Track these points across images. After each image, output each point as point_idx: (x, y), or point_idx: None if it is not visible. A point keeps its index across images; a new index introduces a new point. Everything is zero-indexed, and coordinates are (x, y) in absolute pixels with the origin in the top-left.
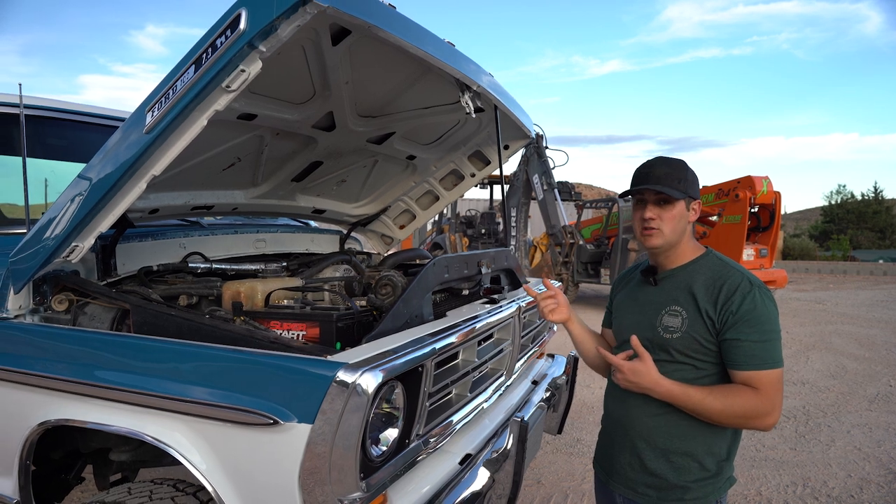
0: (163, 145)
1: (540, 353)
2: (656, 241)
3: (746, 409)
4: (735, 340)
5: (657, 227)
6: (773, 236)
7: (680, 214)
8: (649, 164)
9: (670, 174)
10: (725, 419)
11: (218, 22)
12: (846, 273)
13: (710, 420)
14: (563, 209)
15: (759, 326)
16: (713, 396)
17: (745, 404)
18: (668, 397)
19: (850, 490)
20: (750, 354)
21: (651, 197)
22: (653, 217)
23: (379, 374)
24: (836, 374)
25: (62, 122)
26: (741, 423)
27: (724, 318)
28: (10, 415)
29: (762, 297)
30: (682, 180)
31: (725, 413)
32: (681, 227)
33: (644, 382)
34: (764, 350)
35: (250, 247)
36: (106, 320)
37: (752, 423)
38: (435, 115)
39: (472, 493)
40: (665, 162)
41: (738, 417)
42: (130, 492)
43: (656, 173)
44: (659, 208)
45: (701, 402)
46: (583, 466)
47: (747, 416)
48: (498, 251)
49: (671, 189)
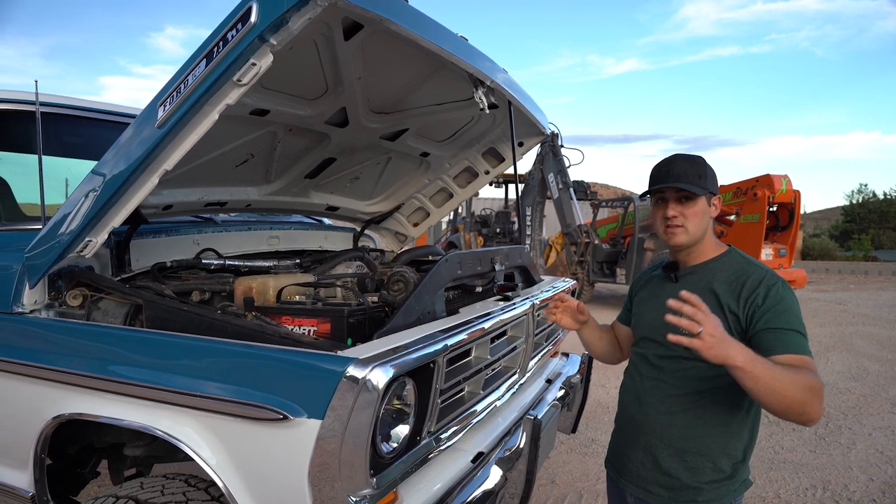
0: (174, 140)
1: (554, 352)
2: (681, 238)
3: (811, 385)
4: (770, 330)
5: (681, 223)
6: (792, 236)
7: (703, 211)
8: (668, 162)
9: (690, 171)
10: (791, 395)
11: (229, 16)
12: (867, 273)
13: (773, 397)
14: (578, 208)
15: (788, 316)
16: (787, 370)
17: (810, 379)
18: (750, 361)
19: (871, 494)
20: (789, 341)
21: (672, 195)
22: (675, 215)
23: (389, 369)
24: (857, 375)
25: (78, 119)
26: (801, 404)
27: (750, 312)
28: (26, 409)
29: (786, 291)
30: (703, 176)
31: (794, 386)
32: (704, 223)
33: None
34: (800, 339)
35: (263, 244)
36: (119, 315)
37: (810, 406)
38: (449, 111)
39: (484, 492)
40: (685, 159)
41: (807, 391)
42: (143, 486)
43: (676, 171)
44: (681, 206)
45: (774, 368)
46: (597, 467)
47: (813, 392)
48: (512, 248)
49: (693, 186)
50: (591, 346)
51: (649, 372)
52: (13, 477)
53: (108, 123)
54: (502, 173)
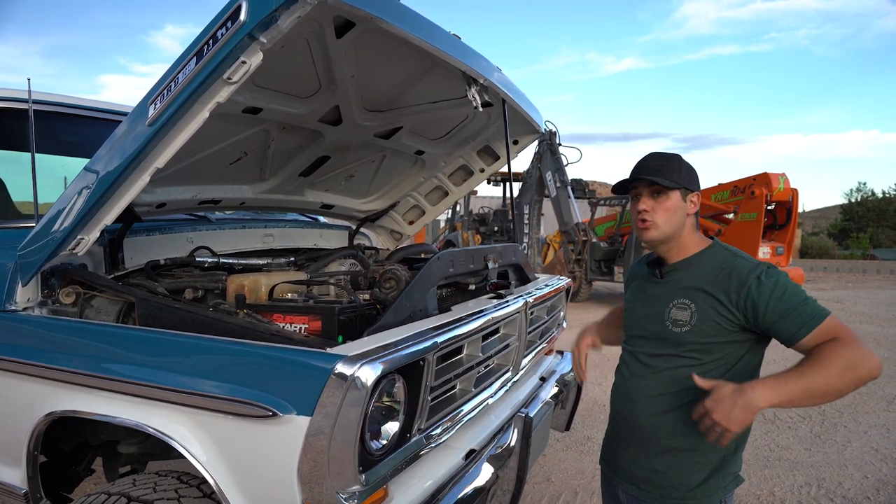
0: (165, 138)
1: (549, 350)
2: (651, 233)
3: (848, 360)
4: (780, 318)
5: (651, 219)
6: (790, 234)
7: (675, 206)
8: (644, 158)
9: (664, 166)
10: (841, 381)
11: (219, 14)
12: (866, 272)
13: (823, 399)
14: (576, 207)
15: (789, 295)
16: (815, 367)
17: (843, 354)
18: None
19: (866, 491)
20: (803, 317)
21: (644, 189)
22: (646, 209)
23: (378, 366)
24: None
25: (72, 117)
26: (852, 381)
27: (749, 306)
28: (18, 406)
29: (774, 273)
30: (677, 171)
31: (831, 378)
32: (677, 218)
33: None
34: (809, 308)
35: (258, 242)
36: (112, 313)
37: (861, 370)
38: (443, 109)
39: (476, 489)
40: (659, 155)
41: (847, 371)
42: (135, 483)
43: (650, 165)
44: (653, 200)
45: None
46: (593, 464)
47: (854, 367)
48: (505, 246)
49: (662, 178)
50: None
51: (639, 370)
52: (6, 474)
53: (102, 121)
54: (499, 171)
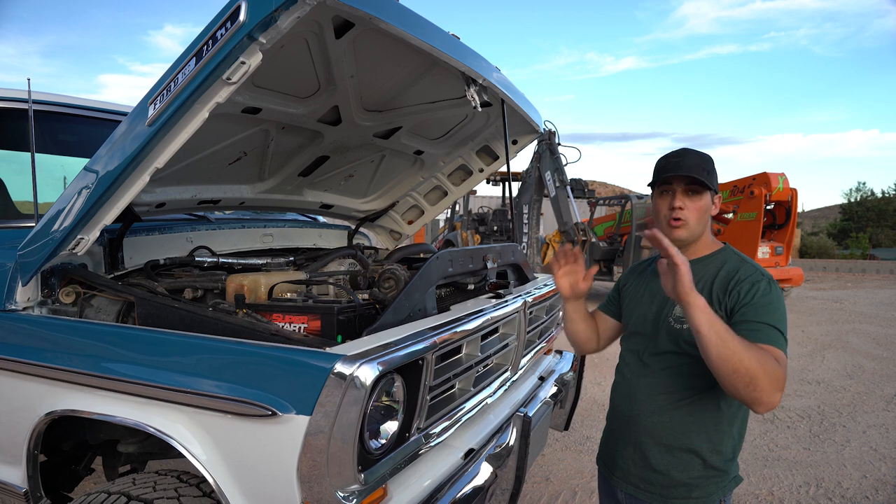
0: (165, 138)
1: (548, 350)
2: (683, 232)
3: (765, 363)
4: (744, 322)
5: (684, 217)
6: (789, 234)
7: (706, 207)
8: (679, 154)
9: (700, 165)
10: (740, 368)
11: (218, 14)
12: (865, 272)
13: (721, 352)
14: (575, 206)
15: (766, 312)
16: (739, 339)
17: (765, 359)
18: (707, 307)
19: (864, 491)
20: (762, 333)
21: (681, 186)
22: (682, 207)
23: (377, 366)
24: (852, 373)
25: (72, 117)
26: (750, 376)
27: (731, 304)
28: (18, 405)
29: (770, 289)
30: (711, 172)
31: (745, 359)
32: (705, 219)
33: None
34: (773, 333)
35: (257, 241)
36: (111, 313)
37: (759, 386)
38: (442, 109)
39: (475, 488)
40: (695, 153)
41: (755, 361)
42: (135, 482)
43: (687, 163)
44: (688, 198)
45: (730, 331)
46: (592, 464)
47: (765, 370)
48: (504, 246)
49: (704, 178)
50: (572, 322)
51: (639, 369)
52: (6, 473)
53: (102, 121)
54: (498, 171)
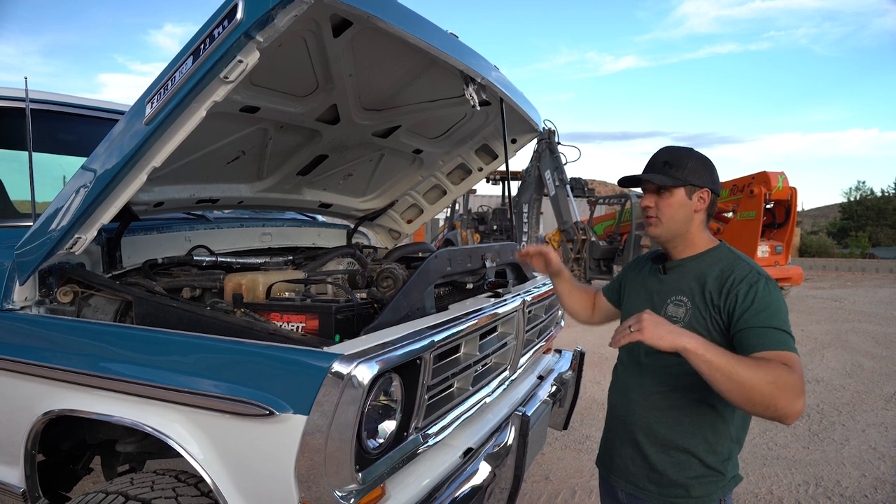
0: (162, 137)
1: (547, 349)
2: (654, 229)
3: (778, 378)
4: (749, 329)
5: (654, 215)
6: (789, 233)
7: (679, 203)
8: (655, 153)
9: (670, 162)
10: (754, 395)
11: (215, 13)
12: (864, 271)
13: (732, 386)
14: (575, 205)
15: (769, 314)
16: (743, 361)
17: (776, 375)
18: (702, 345)
19: (863, 490)
20: (769, 337)
21: (649, 185)
22: (649, 205)
23: (374, 365)
24: (851, 372)
25: (69, 116)
26: (767, 397)
27: (730, 308)
28: (16, 405)
29: (769, 289)
30: (682, 168)
31: (755, 385)
32: (681, 215)
33: (666, 326)
34: (780, 335)
35: (256, 240)
36: (109, 312)
37: (778, 404)
38: (441, 108)
39: (473, 487)
40: (669, 150)
41: (771, 385)
42: (133, 482)
43: (656, 162)
44: (656, 196)
45: (732, 357)
46: (591, 463)
47: (780, 387)
48: (503, 245)
49: (660, 177)
50: (562, 296)
51: (636, 369)
52: (4, 473)
53: (100, 120)
54: (497, 170)
